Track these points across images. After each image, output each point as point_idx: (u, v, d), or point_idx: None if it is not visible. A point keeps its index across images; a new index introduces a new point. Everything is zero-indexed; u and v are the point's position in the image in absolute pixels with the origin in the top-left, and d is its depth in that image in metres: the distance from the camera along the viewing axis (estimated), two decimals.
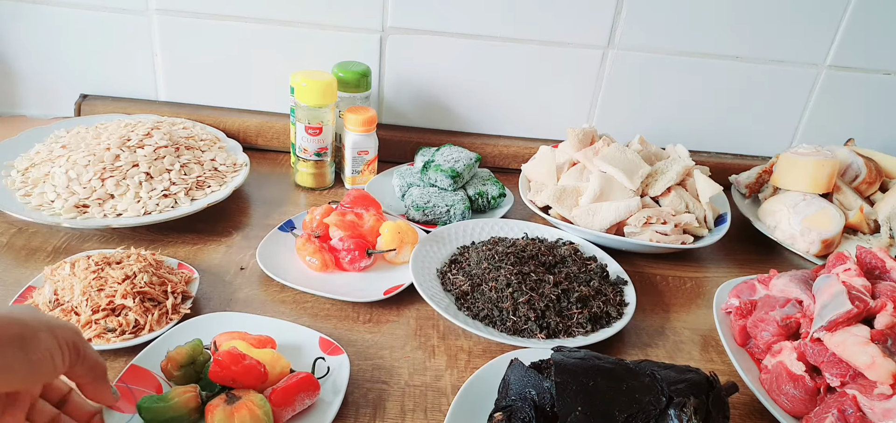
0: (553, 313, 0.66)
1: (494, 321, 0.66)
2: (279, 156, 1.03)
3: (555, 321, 0.65)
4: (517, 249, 0.75)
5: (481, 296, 0.68)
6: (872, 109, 1.08)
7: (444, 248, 0.78)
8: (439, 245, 0.78)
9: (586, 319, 0.67)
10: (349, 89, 0.94)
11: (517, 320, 0.65)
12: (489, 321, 0.66)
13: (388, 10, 0.96)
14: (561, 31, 0.99)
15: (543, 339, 0.64)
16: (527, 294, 0.67)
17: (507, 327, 0.65)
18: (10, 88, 1.02)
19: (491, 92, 1.04)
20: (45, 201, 0.76)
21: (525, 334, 0.65)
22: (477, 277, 0.71)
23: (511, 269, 0.70)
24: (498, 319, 0.66)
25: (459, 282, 0.70)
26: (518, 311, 0.66)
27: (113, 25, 0.97)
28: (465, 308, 0.68)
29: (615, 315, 0.69)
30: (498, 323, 0.65)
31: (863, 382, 0.55)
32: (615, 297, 0.72)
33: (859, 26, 1.00)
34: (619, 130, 1.04)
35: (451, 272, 0.73)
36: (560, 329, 0.65)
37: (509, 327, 0.65)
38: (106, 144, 0.81)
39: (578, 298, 0.68)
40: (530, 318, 0.65)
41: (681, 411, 0.48)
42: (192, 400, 0.52)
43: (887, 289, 0.62)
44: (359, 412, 0.57)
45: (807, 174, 0.90)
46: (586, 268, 0.75)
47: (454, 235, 0.81)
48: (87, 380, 0.43)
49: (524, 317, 0.65)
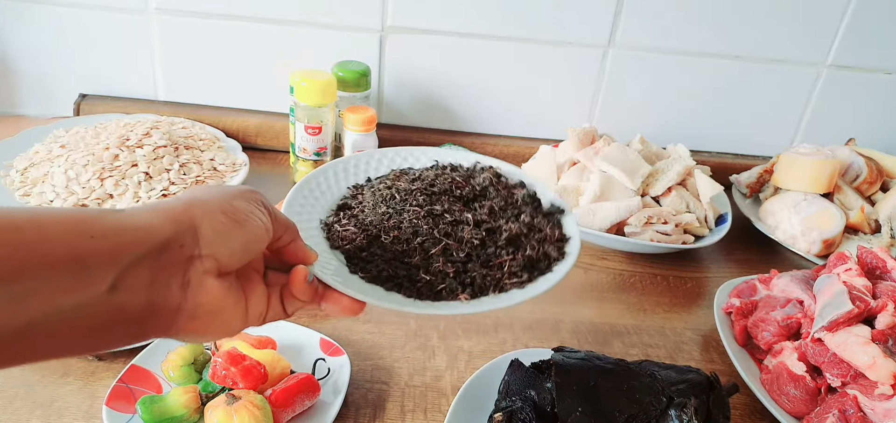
0: (477, 263, 0.49)
1: (401, 284, 0.47)
2: (279, 155, 1.03)
3: (480, 275, 0.48)
4: (425, 183, 0.56)
5: (381, 251, 0.49)
6: (873, 109, 1.08)
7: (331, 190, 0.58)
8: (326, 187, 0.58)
9: (520, 266, 0.49)
10: (349, 89, 0.94)
11: (432, 278, 0.47)
12: (393, 285, 0.47)
13: (388, 9, 0.96)
14: (561, 30, 0.98)
15: (467, 300, 0.47)
16: (440, 242, 0.49)
17: (418, 291, 0.47)
18: (9, 88, 1.02)
19: (491, 92, 1.04)
20: (45, 201, 0.76)
21: (443, 296, 0.47)
22: (373, 225, 0.51)
23: (417, 210, 0.52)
24: (405, 280, 0.47)
25: (350, 234, 0.51)
26: (431, 266, 0.48)
27: (112, 25, 0.97)
28: (359, 270, 0.48)
29: (556, 255, 0.51)
30: (405, 286, 0.47)
31: (864, 382, 0.55)
32: (553, 231, 0.53)
33: (860, 26, 1.00)
34: (620, 129, 1.04)
35: (340, 222, 0.53)
36: (489, 284, 0.48)
37: (421, 289, 0.47)
38: (105, 143, 0.81)
39: (508, 239, 0.51)
40: (447, 273, 0.48)
41: (681, 411, 0.48)
42: (193, 401, 0.52)
43: (888, 289, 0.61)
44: (359, 413, 0.57)
45: (808, 174, 0.90)
46: (512, 198, 0.56)
47: (342, 172, 0.59)
48: (287, 239, 0.42)
49: (440, 274, 0.48)
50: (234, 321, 0.38)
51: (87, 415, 0.53)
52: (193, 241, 0.34)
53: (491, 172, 0.59)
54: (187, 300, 0.34)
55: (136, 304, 0.31)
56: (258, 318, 0.40)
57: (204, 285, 0.34)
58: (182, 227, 0.34)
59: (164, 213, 0.34)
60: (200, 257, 0.34)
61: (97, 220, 0.31)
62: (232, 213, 0.36)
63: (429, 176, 0.57)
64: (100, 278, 0.30)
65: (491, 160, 0.61)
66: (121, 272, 0.30)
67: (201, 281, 0.34)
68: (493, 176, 0.58)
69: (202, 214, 0.35)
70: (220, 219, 0.35)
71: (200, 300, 0.34)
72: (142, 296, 0.32)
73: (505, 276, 0.49)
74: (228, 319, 0.37)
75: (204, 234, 0.34)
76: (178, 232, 0.33)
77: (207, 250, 0.34)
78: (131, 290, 0.31)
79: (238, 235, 0.36)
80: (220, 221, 0.35)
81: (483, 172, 0.59)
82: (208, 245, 0.34)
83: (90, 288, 0.29)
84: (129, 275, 0.31)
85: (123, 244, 0.31)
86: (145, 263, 0.32)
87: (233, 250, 0.36)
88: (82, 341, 0.31)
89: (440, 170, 0.59)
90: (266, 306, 0.40)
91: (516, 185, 0.59)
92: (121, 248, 0.31)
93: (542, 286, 0.49)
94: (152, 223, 0.33)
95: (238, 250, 0.36)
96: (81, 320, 0.30)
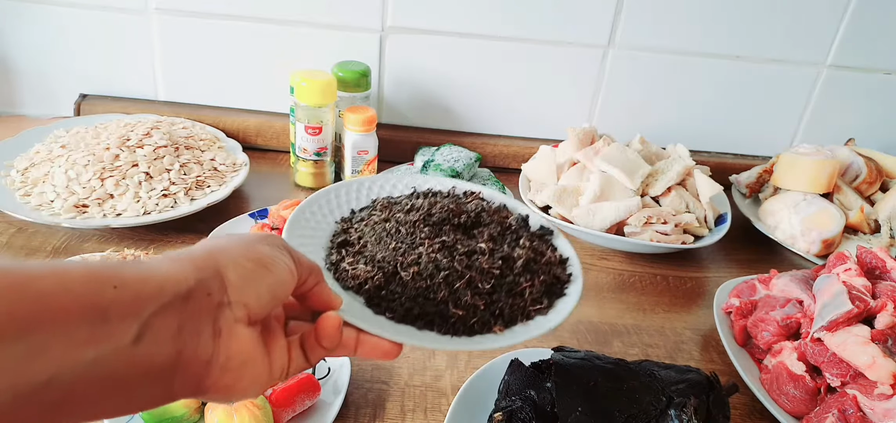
0: (502, 293, 0.47)
1: (432, 321, 0.46)
2: (279, 155, 1.03)
3: (508, 305, 0.47)
4: (421, 213, 0.53)
5: (401, 288, 0.47)
6: (873, 109, 1.08)
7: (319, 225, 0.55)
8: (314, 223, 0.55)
9: (540, 292, 0.48)
10: (349, 89, 0.94)
11: (464, 313, 0.46)
12: (425, 323, 0.46)
13: (388, 9, 0.96)
14: (561, 30, 0.98)
15: (501, 332, 0.46)
16: (465, 276, 0.47)
17: (452, 327, 0.45)
18: (9, 88, 1.02)
19: (491, 92, 1.04)
20: (45, 201, 0.76)
21: (476, 330, 0.46)
22: (387, 261, 0.49)
23: (429, 242, 0.50)
24: (436, 316, 0.46)
25: (362, 273, 0.48)
26: (460, 300, 0.46)
27: (113, 25, 0.97)
28: (384, 310, 0.46)
29: (565, 278, 0.51)
30: (438, 323, 0.45)
31: (863, 382, 0.55)
32: (554, 254, 0.53)
33: (859, 26, 1.00)
34: (620, 129, 1.04)
35: (346, 260, 0.50)
36: (517, 313, 0.47)
37: (455, 325, 0.45)
38: (105, 143, 0.81)
39: (524, 265, 0.49)
40: (479, 307, 0.46)
41: (681, 411, 0.48)
42: (193, 400, 0.52)
43: (888, 289, 0.62)
44: (359, 413, 0.57)
45: (807, 174, 0.90)
46: (506, 223, 0.55)
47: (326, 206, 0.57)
48: (312, 283, 0.40)
49: (471, 308, 0.46)
50: (261, 375, 0.35)
51: None
52: (221, 287, 0.32)
53: (476, 197, 0.58)
54: (219, 351, 0.32)
55: (163, 356, 0.29)
56: (281, 372, 0.38)
57: (235, 333, 0.33)
58: (207, 273, 0.32)
59: (186, 261, 0.32)
60: (230, 304, 0.32)
61: (117, 270, 0.29)
62: (257, 258, 0.35)
63: (422, 205, 0.55)
64: (123, 330, 0.28)
65: (468, 185, 0.60)
66: (145, 322, 0.29)
67: (232, 330, 0.33)
68: (478, 201, 0.57)
69: (226, 260, 0.33)
70: (245, 265, 0.34)
71: (233, 351, 0.33)
72: (169, 348, 0.30)
73: (528, 303, 0.48)
74: (256, 372, 0.35)
75: (231, 280, 0.33)
76: (204, 279, 0.32)
77: (236, 296, 0.33)
78: (157, 342, 0.29)
79: (265, 279, 0.35)
80: (245, 267, 0.34)
81: (469, 198, 0.58)
82: (237, 292, 0.33)
83: (112, 340, 0.27)
84: (154, 324, 0.29)
85: (145, 294, 0.29)
86: (171, 311, 0.30)
87: (260, 295, 0.34)
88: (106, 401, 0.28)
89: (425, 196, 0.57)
90: (288, 359, 0.38)
91: (500, 208, 0.58)
92: (143, 297, 0.29)
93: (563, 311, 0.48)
94: (174, 272, 0.31)
95: (266, 296, 0.35)
96: (104, 375, 0.27)
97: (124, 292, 0.28)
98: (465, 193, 0.59)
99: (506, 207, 0.58)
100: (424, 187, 0.59)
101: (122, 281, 0.28)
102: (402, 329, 0.44)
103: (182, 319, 0.30)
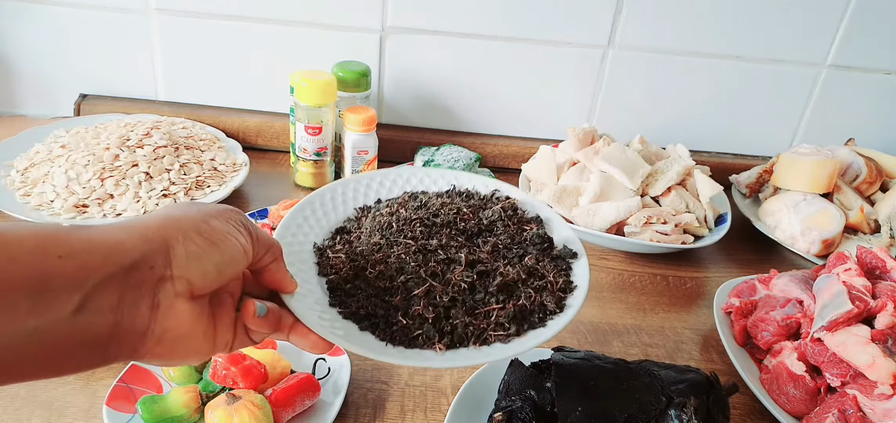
0: (461, 309, 0.45)
1: (376, 324, 0.44)
2: (279, 155, 1.03)
3: (463, 323, 0.44)
4: (429, 212, 0.52)
5: (364, 285, 0.46)
6: (873, 109, 1.08)
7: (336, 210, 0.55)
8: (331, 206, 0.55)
9: (509, 317, 0.45)
10: (349, 89, 0.94)
11: (409, 322, 0.44)
12: (369, 324, 0.44)
13: (388, 10, 0.96)
14: (561, 31, 0.98)
15: (442, 351, 0.43)
16: (425, 283, 0.46)
17: (392, 335, 0.44)
18: (9, 88, 1.02)
19: (491, 92, 1.04)
20: (45, 201, 0.76)
21: (417, 343, 0.43)
22: (363, 256, 0.48)
23: (410, 243, 0.49)
24: (382, 320, 0.44)
25: (339, 263, 0.48)
26: (410, 308, 0.45)
27: (113, 25, 0.97)
28: (338, 303, 0.46)
29: (553, 308, 0.47)
30: (381, 327, 0.44)
31: (863, 382, 0.55)
32: (558, 279, 0.49)
33: (859, 26, 1.00)
34: (620, 129, 1.04)
35: (333, 248, 0.50)
36: (470, 335, 0.44)
37: (395, 334, 0.44)
38: (105, 143, 0.81)
39: (501, 285, 0.47)
40: (426, 319, 0.44)
41: (681, 411, 0.48)
42: (193, 400, 0.52)
43: (888, 289, 0.62)
44: (359, 413, 0.57)
45: (807, 174, 0.90)
46: (522, 235, 0.52)
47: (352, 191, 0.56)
48: (268, 260, 0.40)
49: (418, 318, 0.44)
50: (201, 347, 0.36)
51: (88, 415, 0.53)
52: (165, 261, 0.33)
53: (507, 203, 0.55)
54: (155, 324, 0.33)
55: (101, 326, 0.30)
56: (225, 346, 0.38)
57: (174, 308, 0.33)
58: (154, 246, 0.32)
59: (137, 231, 0.32)
60: (172, 278, 0.33)
61: (65, 238, 0.29)
62: (208, 233, 0.35)
63: (435, 204, 0.53)
64: (65, 300, 0.28)
65: (512, 190, 0.58)
66: (87, 293, 0.29)
67: (171, 304, 0.33)
68: (507, 208, 0.54)
69: (176, 233, 0.34)
70: (194, 239, 0.34)
71: (169, 325, 0.33)
72: (108, 318, 0.30)
73: (489, 327, 0.45)
74: (196, 344, 0.36)
75: (177, 254, 0.33)
76: (149, 252, 0.32)
77: (179, 271, 0.33)
78: (97, 312, 0.30)
79: (213, 256, 0.35)
80: (194, 241, 0.34)
81: (497, 203, 0.55)
82: (180, 267, 0.33)
83: (54, 310, 0.28)
84: (95, 296, 0.29)
85: (91, 264, 0.29)
86: (113, 283, 0.30)
87: (206, 272, 0.34)
88: (42, 366, 0.29)
89: (449, 197, 0.55)
90: (233, 335, 0.39)
91: (531, 219, 0.55)
92: (87, 268, 0.29)
93: (530, 342, 0.44)
94: (122, 241, 0.31)
95: (212, 273, 0.35)
96: (43, 343, 0.28)
97: (69, 262, 0.29)
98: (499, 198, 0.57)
99: (539, 220, 0.55)
100: (464, 187, 0.58)
101: (70, 250, 0.29)
102: (343, 326, 0.44)
103: (123, 290, 0.31)
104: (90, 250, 0.30)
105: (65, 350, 0.29)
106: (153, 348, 0.33)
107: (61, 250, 0.29)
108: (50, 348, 0.28)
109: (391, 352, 0.43)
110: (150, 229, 0.33)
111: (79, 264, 0.29)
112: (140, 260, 0.31)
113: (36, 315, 0.27)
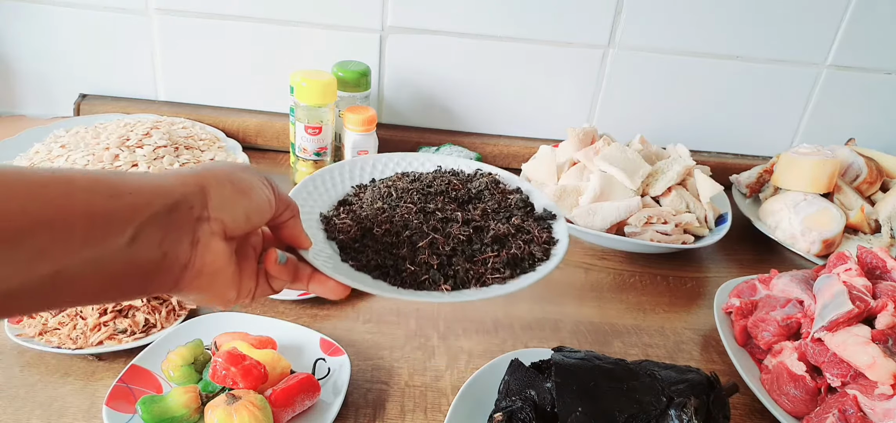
0: (462, 257, 0.52)
1: (387, 273, 0.51)
2: (279, 155, 1.03)
3: (463, 269, 0.51)
4: (422, 184, 0.60)
5: (372, 242, 0.53)
6: (873, 109, 1.08)
7: (335, 187, 0.62)
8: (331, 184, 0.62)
9: (504, 263, 0.52)
10: (349, 89, 0.94)
11: (416, 269, 0.51)
12: (380, 273, 0.51)
13: (388, 9, 0.96)
14: (561, 30, 0.98)
15: (449, 291, 0.50)
16: (428, 236, 0.53)
17: (402, 280, 0.50)
18: (9, 88, 1.02)
19: (491, 92, 1.04)
20: None
21: (426, 286, 0.51)
22: (368, 219, 0.55)
23: (411, 207, 0.56)
24: (391, 269, 0.51)
25: (346, 227, 0.55)
26: (416, 257, 0.52)
27: (113, 25, 0.97)
28: (350, 259, 0.52)
29: (541, 256, 0.54)
30: (391, 275, 0.51)
31: (864, 382, 0.55)
32: (542, 234, 0.56)
33: (859, 26, 1.00)
34: (620, 129, 1.04)
35: (339, 216, 0.57)
36: (471, 278, 0.51)
37: (405, 279, 0.50)
38: (105, 143, 0.81)
39: (494, 237, 0.54)
40: (432, 265, 0.51)
41: (681, 411, 0.48)
42: (193, 400, 0.52)
43: (888, 289, 0.62)
44: (359, 413, 0.57)
45: (807, 174, 0.90)
46: (506, 201, 0.60)
47: (347, 173, 0.64)
48: (286, 217, 0.45)
49: (424, 265, 0.51)
50: (229, 288, 0.41)
51: (87, 415, 0.53)
52: (202, 203, 0.37)
53: (489, 177, 0.63)
54: (196, 258, 0.37)
55: (150, 257, 0.35)
56: (248, 293, 0.44)
57: (211, 245, 0.38)
58: (191, 189, 0.37)
59: (175, 177, 0.37)
60: (209, 219, 0.38)
61: (113, 182, 0.33)
62: (239, 182, 0.40)
63: (427, 177, 0.61)
64: (118, 233, 0.33)
65: (492, 168, 0.65)
66: (139, 227, 0.34)
67: (209, 241, 0.38)
68: (490, 182, 0.62)
69: (212, 181, 0.38)
70: (227, 186, 0.39)
71: (207, 259, 0.38)
72: (156, 250, 0.35)
73: (487, 271, 0.52)
74: (226, 284, 0.41)
75: (212, 198, 0.38)
76: (188, 194, 0.37)
77: (215, 213, 0.38)
78: (147, 244, 0.34)
79: (242, 203, 0.40)
80: (226, 188, 0.39)
81: (481, 178, 0.63)
82: (216, 209, 0.38)
83: (110, 242, 0.32)
84: (145, 231, 0.34)
85: (138, 204, 0.34)
86: (159, 220, 0.35)
87: (236, 217, 0.39)
88: (100, 292, 0.34)
89: (440, 174, 0.63)
90: (255, 283, 0.44)
91: (513, 190, 0.62)
92: (136, 207, 0.34)
93: (523, 283, 0.51)
94: (163, 185, 0.36)
95: (241, 218, 0.40)
96: (101, 271, 0.32)
97: (118, 201, 0.33)
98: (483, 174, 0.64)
99: (518, 190, 0.63)
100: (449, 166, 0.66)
101: (118, 191, 0.33)
102: (357, 276, 0.50)
103: (167, 227, 0.35)
104: (135, 191, 0.34)
105: (119, 277, 0.34)
106: (193, 280, 0.38)
107: (111, 191, 0.33)
108: (107, 275, 0.33)
109: (404, 293, 0.49)
110: (188, 176, 0.38)
111: (127, 204, 0.33)
112: (181, 200, 0.36)
113: (92, 246, 0.32)
